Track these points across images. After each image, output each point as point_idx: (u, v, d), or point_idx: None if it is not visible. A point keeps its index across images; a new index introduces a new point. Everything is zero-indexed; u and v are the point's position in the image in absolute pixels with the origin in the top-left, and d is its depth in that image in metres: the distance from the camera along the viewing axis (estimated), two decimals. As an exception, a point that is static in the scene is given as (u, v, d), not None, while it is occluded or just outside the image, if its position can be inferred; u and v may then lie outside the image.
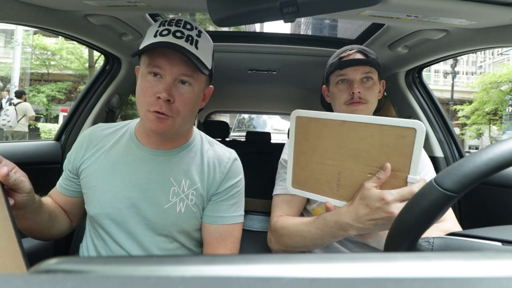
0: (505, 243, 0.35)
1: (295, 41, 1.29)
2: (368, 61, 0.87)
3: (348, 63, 0.87)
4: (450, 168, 0.36)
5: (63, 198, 0.78)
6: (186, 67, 0.65)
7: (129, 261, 0.19)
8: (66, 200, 0.78)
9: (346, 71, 0.88)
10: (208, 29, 2.74)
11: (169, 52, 0.63)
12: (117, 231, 0.70)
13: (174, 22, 0.67)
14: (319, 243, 0.71)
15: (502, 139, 1.16)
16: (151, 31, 0.67)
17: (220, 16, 0.66)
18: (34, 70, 16.36)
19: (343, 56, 0.89)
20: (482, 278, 0.16)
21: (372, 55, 0.89)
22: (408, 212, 0.38)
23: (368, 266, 0.17)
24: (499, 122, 17.92)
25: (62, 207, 0.78)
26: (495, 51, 22.99)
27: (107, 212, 0.70)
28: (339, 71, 0.89)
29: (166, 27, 0.65)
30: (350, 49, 0.91)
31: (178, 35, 0.65)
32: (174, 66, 0.64)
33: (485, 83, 15.34)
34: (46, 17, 0.83)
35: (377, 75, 0.90)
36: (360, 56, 0.88)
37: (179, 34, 0.65)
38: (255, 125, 5.51)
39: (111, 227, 0.70)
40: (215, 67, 0.80)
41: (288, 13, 0.62)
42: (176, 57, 0.64)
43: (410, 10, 0.74)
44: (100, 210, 0.70)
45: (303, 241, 0.73)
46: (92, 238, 0.76)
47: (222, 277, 0.16)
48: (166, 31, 0.65)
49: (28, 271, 0.19)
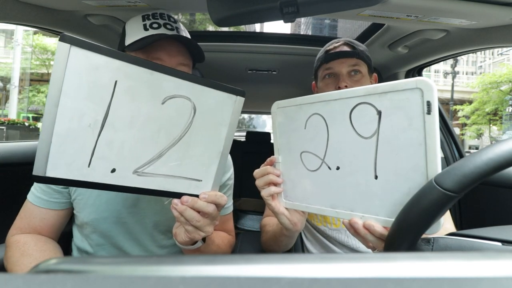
0: (505, 243, 0.35)
1: (295, 41, 1.29)
2: (355, 53, 0.82)
3: (334, 56, 0.83)
4: (450, 168, 0.36)
5: (53, 215, 0.68)
6: (183, 57, 0.67)
7: (129, 261, 0.19)
8: (58, 216, 0.69)
9: (332, 64, 0.83)
10: (208, 29, 2.68)
11: (167, 44, 0.65)
12: (116, 233, 0.69)
13: (158, 15, 0.69)
14: (279, 240, 0.74)
15: (502, 139, 1.16)
16: (137, 25, 0.67)
17: (220, 16, 0.66)
18: (34, 70, 16.36)
19: (329, 49, 0.85)
20: (482, 278, 0.16)
21: (360, 47, 0.84)
22: (408, 212, 0.38)
23: (368, 266, 0.17)
24: (499, 122, 17.93)
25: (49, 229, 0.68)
26: (495, 51, 22.99)
27: (104, 216, 0.67)
28: (325, 64, 0.85)
29: (153, 21, 0.67)
30: (337, 41, 0.86)
31: (169, 27, 0.67)
32: (173, 57, 0.65)
33: (485, 83, 15.35)
34: (46, 17, 0.83)
35: (367, 68, 0.84)
36: (346, 48, 0.84)
37: (169, 26, 0.68)
38: (255, 125, 5.51)
39: (109, 231, 0.69)
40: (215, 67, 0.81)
41: (288, 13, 0.62)
42: (174, 48, 0.65)
43: (410, 10, 0.74)
44: (97, 215, 0.67)
45: (268, 238, 0.80)
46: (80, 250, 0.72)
47: (222, 277, 0.16)
48: (156, 25, 0.66)
49: (28, 271, 0.19)
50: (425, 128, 0.41)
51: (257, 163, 0.65)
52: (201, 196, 0.52)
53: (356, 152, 0.48)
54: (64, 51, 0.41)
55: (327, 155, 0.52)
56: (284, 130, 0.59)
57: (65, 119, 0.42)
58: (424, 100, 0.41)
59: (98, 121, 0.44)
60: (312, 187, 0.55)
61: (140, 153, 0.48)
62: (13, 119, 11.32)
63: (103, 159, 0.45)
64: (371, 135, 0.46)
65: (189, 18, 8.77)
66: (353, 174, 0.49)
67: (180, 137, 0.50)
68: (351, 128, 0.48)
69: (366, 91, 0.46)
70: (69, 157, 0.44)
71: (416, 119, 0.42)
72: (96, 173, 0.45)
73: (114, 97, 0.44)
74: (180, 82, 0.48)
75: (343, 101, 0.49)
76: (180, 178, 0.52)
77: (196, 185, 0.53)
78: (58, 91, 0.41)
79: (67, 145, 0.43)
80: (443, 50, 1.01)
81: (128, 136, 0.46)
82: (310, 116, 0.54)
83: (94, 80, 0.43)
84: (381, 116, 0.45)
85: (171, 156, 0.50)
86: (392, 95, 0.44)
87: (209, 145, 0.53)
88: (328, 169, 0.52)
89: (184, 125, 0.50)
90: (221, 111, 0.52)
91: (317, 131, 0.53)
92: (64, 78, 0.41)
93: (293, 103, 0.56)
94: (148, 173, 0.49)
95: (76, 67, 0.42)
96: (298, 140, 0.56)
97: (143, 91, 0.46)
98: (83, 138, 0.44)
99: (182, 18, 8.05)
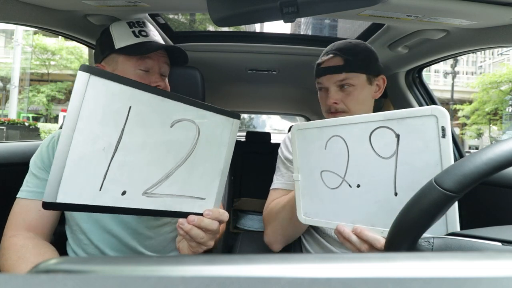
0: (505, 243, 0.35)
1: (295, 41, 1.29)
2: (344, 67, 0.78)
3: (322, 72, 0.81)
4: (450, 168, 0.36)
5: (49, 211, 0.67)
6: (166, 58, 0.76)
7: (129, 261, 0.19)
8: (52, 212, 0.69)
9: (321, 79, 0.82)
10: (208, 29, 2.68)
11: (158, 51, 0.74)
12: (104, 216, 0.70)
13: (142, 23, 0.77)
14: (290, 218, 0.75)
15: (502, 139, 1.16)
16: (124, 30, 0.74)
17: (220, 16, 0.67)
18: (34, 70, 16.37)
19: (319, 63, 0.84)
20: (482, 278, 0.16)
21: (354, 55, 0.79)
22: (408, 212, 0.38)
23: (368, 266, 0.17)
24: (499, 122, 17.93)
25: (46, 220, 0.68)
26: (495, 51, 23.00)
27: None
28: (317, 78, 0.84)
29: (140, 28, 0.75)
30: (327, 53, 0.82)
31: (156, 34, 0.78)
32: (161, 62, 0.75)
33: (485, 83, 15.35)
34: (46, 17, 0.83)
35: (364, 77, 0.80)
36: (335, 62, 0.80)
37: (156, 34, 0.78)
38: (255, 125, 5.52)
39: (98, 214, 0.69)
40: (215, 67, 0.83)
41: (288, 13, 0.62)
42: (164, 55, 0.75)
43: (410, 10, 0.74)
44: None
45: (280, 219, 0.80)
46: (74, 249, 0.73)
47: (222, 277, 0.16)
48: (144, 32, 0.75)
49: (28, 271, 0.19)
50: (441, 150, 0.46)
51: (257, 163, 0.66)
52: (205, 213, 0.55)
53: (376, 171, 0.52)
54: (83, 79, 0.43)
55: (347, 173, 0.56)
56: (304, 151, 0.62)
57: (80, 143, 0.44)
58: (439, 125, 0.46)
59: (112, 144, 0.46)
60: (332, 203, 0.58)
61: (150, 175, 0.50)
62: (13, 119, 11.32)
63: (114, 182, 0.47)
64: (390, 156, 0.51)
65: (189, 18, 8.77)
66: (374, 191, 0.52)
67: (186, 157, 0.53)
68: (371, 149, 0.53)
69: (384, 116, 0.51)
70: (81, 181, 0.44)
71: (432, 142, 0.47)
72: (107, 196, 0.46)
73: (127, 122, 0.47)
74: (186, 107, 0.52)
75: (363, 124, 0.54)
76: (185, 197, 0.54)
77: (200, 203, 0.56)
78: (76, 117, 0.43)
79: (80, 169, 0.44)
80: (443, 50, 1.01)
81: (139, 158, 0.49)
82: (331, 137, 0.58)
83: (110, 106, 0.46)
84: (400, 139, 0.50)
85: (178, 176, 0.53)
86: (409, 120, 0.49)
87: (211, 164, 0.56)
88: (348, 186, 0.56)
89: (190, 147, 0.53)
90: (221, 133, 0.57)
91: (338, 151, 0.57)
92: (82, 105, 0.44)
93: (313, 125, 0.61)
94: (156, 194, 0.51)
95: (94, 95, 0.44)
96: (319, 160, 0.60)
97: (154, 115, 0.49)
98: (96, 162, 0.45)
99: (182, 18, 8.06)
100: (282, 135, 3.56)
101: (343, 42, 0.84)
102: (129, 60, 0.71)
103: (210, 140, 0.55)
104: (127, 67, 0.71)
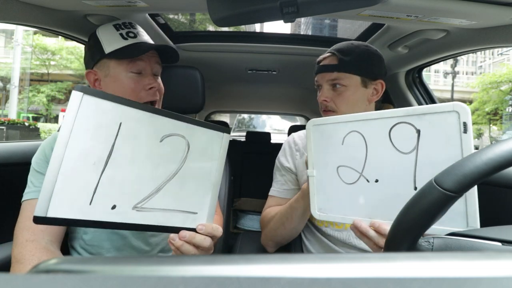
0: (505, 243, 0.35)
1: (295, 41, 1.29)
2: (336, 66, 0.79)
3: (317, 69, 0.84)
4: (450, 168, 0.36)
5: None
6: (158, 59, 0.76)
7: (129, 261, 0.19)
8: None
9: (317, 77, 0.84)
10: (208, 29, 2.69)
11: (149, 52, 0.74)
12: None
13: (128, 24, 0.76)
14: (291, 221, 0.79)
15: (502, 139, 1.16)
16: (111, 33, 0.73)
17: (220, 16, 0.67)
18: (34, 70, 16.36)
19: (318, 61, 0.86)
20: (482, 278, 0.16)
21: (348, 56, 0.78)
22: (408, 212, 0.38)
23: (368, 266, 0.17)
24: (499, 122, 17.93)
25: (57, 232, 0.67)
26: (495, 51, 23.00)
27: None
28: (315, 76, 0.86)
29: (128, 30, 0.74)
30: (327, 51, 0.84)
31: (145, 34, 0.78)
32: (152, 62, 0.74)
33: (485, 83, 15.36)
34: (46, 17, 0.83)
35: (358, 79, 0.79)
36: (329, 61, 0.81)
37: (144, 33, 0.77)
38: (255, 125, 5.51)
39: None
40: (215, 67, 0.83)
41: (288, 13, 0.62)
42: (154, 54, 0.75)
43: (410, 10, 0.74)
44: None
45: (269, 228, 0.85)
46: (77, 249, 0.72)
47: (222, 277, 0.16)
48: (132, 34, 0.74)
49: (28, 271, 0.19)
50: (462, 145, 0.47)
51: (257, 163, 0.66)
52: (198, 228, 0.55)
53: (395, 166, 0.53)
54: (77, 98, 0.45)
55: (365, 168, 0.56)
56: (319, 146, 0.62)
57: (72, 159, 0.45)
58: (461, 121, 0.47)
59: (102, 158, 0.47)
60: (348, 199, 0.58)
61: (140, 189, 0.50)
62: (13, 119, 11.32)
63: (104, 196, 0.47)
64: (410, 151, 0.51)
65: (189, 18, 8.77)
66: (393, 186, 0.53)
67: (176, 171, 0.54)
68: (391, 144, 0.53)
69: (405, 112, 0.52)
70: (72, 195, 0.45)
71: (453, 138, 0.48)
72: (96, 210, 0.47)
73: (118, 137, 0.48)
74: (176, 122, 0.53)
75: (382, 120, 0.54)
76: (177, 212, 0.54)
77: (192, 218, 0.56)
78: (69, 133, 0.45)
79: (71, 184, 0.45)
80: (443, 50, 1.01)
81: (129, 172, 0.49)
82: (348, 133, 0.58)
83: (101, 122, 0.47)
84: (420, 134, 0.51)
85: (168, 190, 0.53)
86: (430, 116, 0.50)
87: (202, 178, 0.57)
88: (366, 181, 0.56)
89: (180, 161, 0.54)
90: (211, 147, 0.57)
91: (355, 147, 0.57)
92: (74, 122, 0.45)
93: (330, 121, 0.61)
94: (147, 208, 0.51)
95: (86, 112, 0.46)
96: (335, 155, 0.60)
97: (144, 131, 0.50)
98: (86, 176, 0.46)
99: (182, 18, 8.05)
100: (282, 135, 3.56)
101: (345, 43, 0.84)
102: (121, 64, 0.71)
103: (200, 154, 0.56)
104: (119, 71, 0.71)
